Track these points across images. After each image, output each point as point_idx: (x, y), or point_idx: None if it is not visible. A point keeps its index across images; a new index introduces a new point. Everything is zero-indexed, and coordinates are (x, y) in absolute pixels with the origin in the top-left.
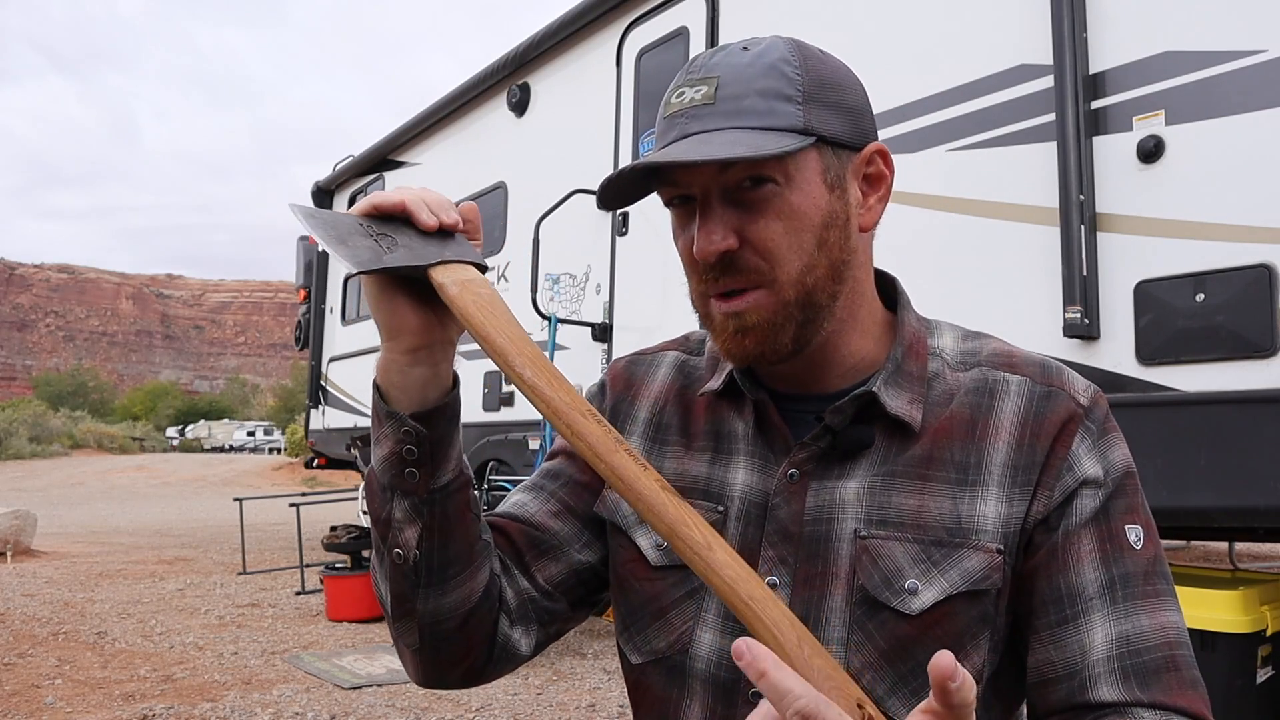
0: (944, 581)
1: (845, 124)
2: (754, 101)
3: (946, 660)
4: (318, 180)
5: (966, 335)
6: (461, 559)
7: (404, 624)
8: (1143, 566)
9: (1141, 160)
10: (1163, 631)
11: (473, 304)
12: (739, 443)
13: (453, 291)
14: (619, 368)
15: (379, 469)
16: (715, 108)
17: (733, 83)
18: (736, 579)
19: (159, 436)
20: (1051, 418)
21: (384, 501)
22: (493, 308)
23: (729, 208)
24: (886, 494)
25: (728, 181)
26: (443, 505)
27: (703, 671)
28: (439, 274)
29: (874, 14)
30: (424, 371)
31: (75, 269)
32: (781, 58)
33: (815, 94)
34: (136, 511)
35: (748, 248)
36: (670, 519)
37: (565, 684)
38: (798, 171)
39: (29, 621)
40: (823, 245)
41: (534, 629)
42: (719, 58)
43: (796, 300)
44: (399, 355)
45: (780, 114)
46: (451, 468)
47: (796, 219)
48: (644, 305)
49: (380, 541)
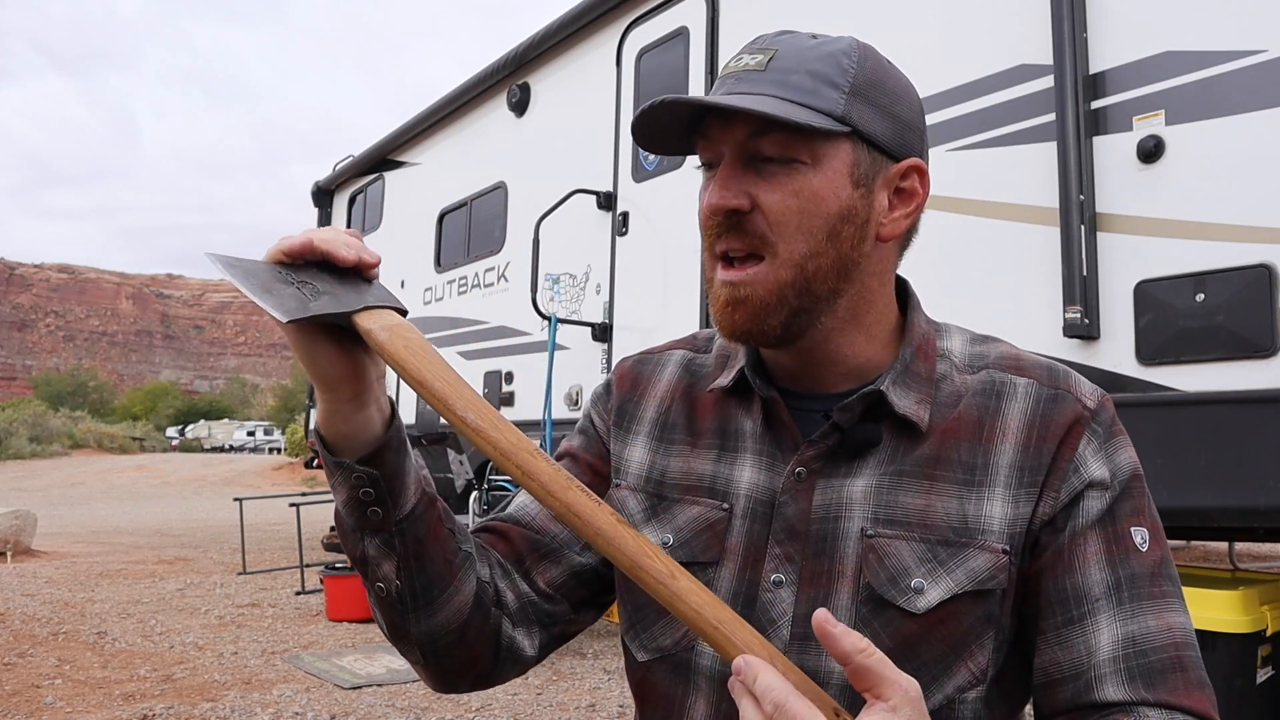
0: (950, 581)
1: (887, 129)
2: (802, 79)
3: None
4: (318, 180)
5: (975, 339)
6: (443, 578)
7: (403, 646)
8: (1149, 568)
9: (1141, 160)
10: (1169, 632)
11: (404, 349)
12: (746, 440)
13: (382, 337)
14: (625, 367)
15: (343, 512)
16: (764, 75)
17: (788, 57)
18: (702, 605)
19: (159, 436)
20: (1058, 420)
21: (355, 541)
22: (424, 351)
23: (751, 172)
24: (893, 493)
25: (758, 148)
26: (413, 532)
27: (708, 668)
28: (365, 320)
29: (874, 14)
30: (367, 413)
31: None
32: (843, 50)
33: (864, 90)
34: (136, 511)
35: (758, 213)
36: (631, 551)
37: (565, 684)
38: (826, 158)
39: (29, 621)
40: (833, 237)
41: (536, 631)
42: (785, 36)
43: (793, 283)
44: (343, 404)
45: (823, 96)
46: (411, 494)
47: (813, 202)
48: (644, 305)
49: (363, 579)
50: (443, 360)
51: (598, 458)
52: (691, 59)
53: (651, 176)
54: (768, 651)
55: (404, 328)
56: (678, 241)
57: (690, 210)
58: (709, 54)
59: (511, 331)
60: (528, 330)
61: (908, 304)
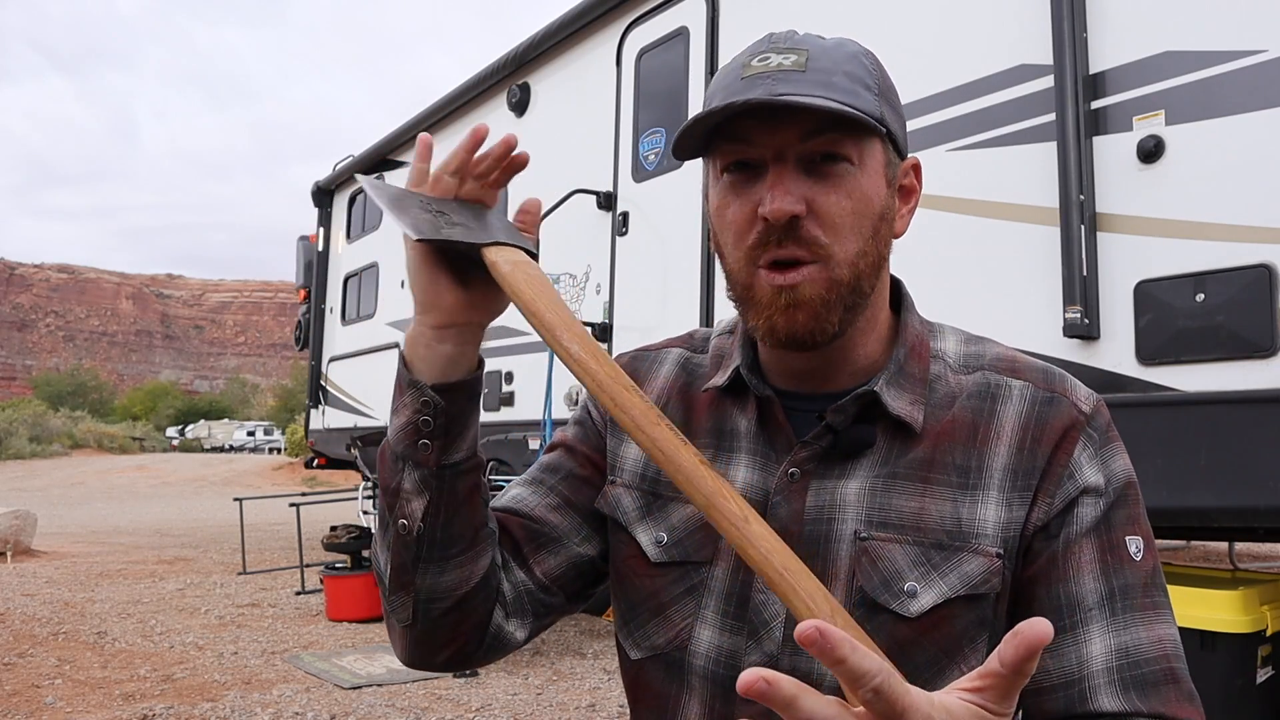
0: (943, 585)
1: (901, 129)
2: (841, 80)
3: (1044, 629)
4: (318, 180)
5: (969, 339)
6: (464, 538)
7: (399, 598)
8: (1142, 578)
9: (1141, 160)
10: (1160, 644)
11: (524, 282)
12: (741, 440)
13: (505, 269)
14: (622, 363)
15: (394, 438)
16: (806, 75)
17: (822, 58)
18: (771, 551)
19: (159, 436)
20: (1053, 424)
21: (395, 471)
22: (543, 287)
23: (803, 176)
24: (887, 495)
25: (807, 150)
26: (451, 483)
27: (702, 668)
28: (492, 253)
29: (874, 14)
30: (450, 349)
31: (75, 269)
32: (860, 51)
33: (885, 93)
34: (136, 511)
35: (813, 218)
36: (708, 490)
37: (565, 684)
38: (870, 158)
39: (29, 621)
40: (875, 235)
41: (529, 621)
42: (800, 36)
43: (847, 282)
44: (428, 329)
45: (863, 99)
46: (465, 447)
47: (863, 202)
48: (644, 305)
49: (387, 511)
50: (559, 297)
51: (594, 450)
52: (691, 59)
53: (651, 176)
54: (830, 605)
55: (528, 264)
56: (678, 241)
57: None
58: (709, 54)
59: (511, 331)
60: (528, 330)
61: (901, 304)
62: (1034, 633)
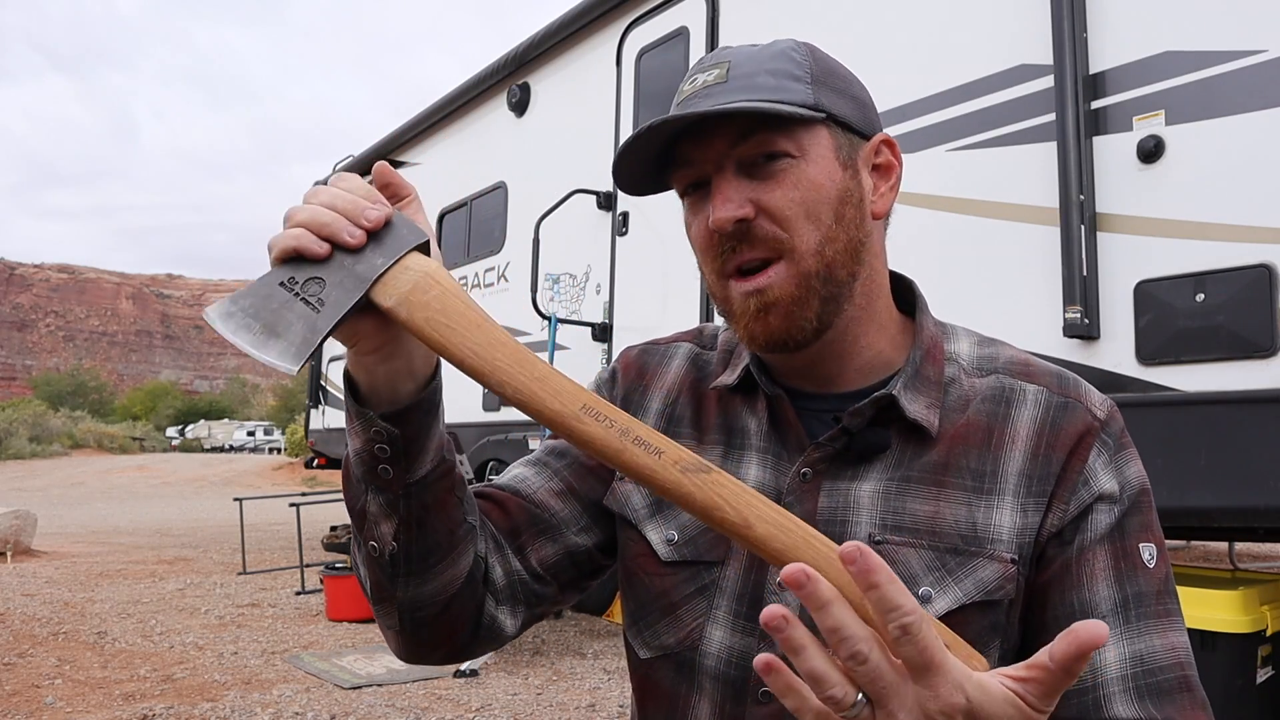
0: (958, 590)
1: (853, 110)
2: (765, 79)
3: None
4: (317, 180)
5: (982, 341)
6: (442, 547)
7: (383, 608)
8: (1155, 586)
9: (1141, 160)
10: (1174, 652)
11: (425, 323)
12: (751, 438)
13: (402, 315)
14: (631, 356)
15: (353, 460)
16: (728, 85)
17: (745, 64)
18: (784, 550)
19: (159, 436)
20: (1068, 429)
21: (359, 494)
22: (447, 317)
23: (744, 180)
24: (901, 499)
25: (743, 155)
26: (419, 499)
27: (712, 668)
28: (381, 296)
29: (874, 14)
30: (394, 366)
31: (75, 269)
32: (789, 48)
33: (822, 79)
34: (136, 511)
35: (764, 217)
36: (701, 505)
37: (565, 684)
38: (811, 146)
39: (29, 621)
40: (840, 220)
41: (520, 610)
42: (728, 51)
43: (817, 272)
44: (363, 356)
45: (791, 90)
46: (430, 459)
47: (813, 190)
48: (644, 305)
49: (357, 531)
50: (473, 318)
51: None
52: (691, 59)
53: None
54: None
55: (419, 290)
56: (678, 242)
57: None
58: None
59: (511, 331)
60: (528, 330)
61: (915, 305)
62: (1089, 633)
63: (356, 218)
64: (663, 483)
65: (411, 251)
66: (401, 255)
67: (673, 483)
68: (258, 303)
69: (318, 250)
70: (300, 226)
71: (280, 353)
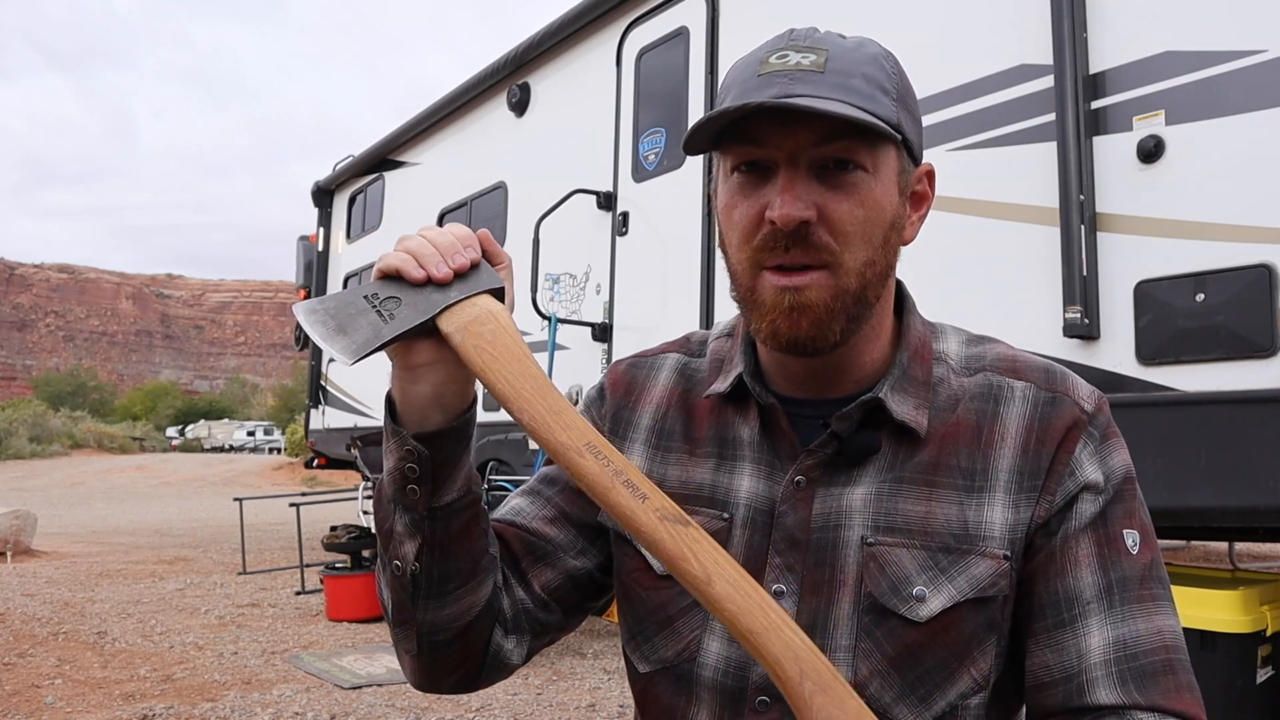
0: (952, 588)
1: (917, 135)
2: (860, 83)
3: None
4: (317, 180)
5: (971, 339)
6: (463, 574)
7: (402, 630)
8: (1139, 571)
9: (1141, 160)
10: (1159, 635)
11: (473, 350)
12: (744, 449)
13: (456, 340)
14: (619, 371)
15: (385, 480)
16: (824, 77)
17: (841, 59)
18: (738, 612)
19: (159, 436)
20: (1056, 424)
21: (388, 513)
22: (494, 349)
23: (814, 181)
24: (893, 500)
25: (821, 154)
26: (444, 523)
27: (710, 680)
28: (444, 323)
29: (874, 14)
30: (427, 389)
31: (75, 269)
32: (881, 55)
33: (902, 97)
34: (136, 511)
35: (823, 225)
36: (669, 553)
37: (565, 684)
38: (884, 165)
39: (29, 621)
40: (885, 244)
41: (526, 639)
42: (821, 34)
43: (854, 291)
44: (400, 369)
45: (880, 103)
46: (457, 488)
47: (875, 210)
48: (644, 305)
49: (383, 550)
50: (515, 352)
51: None
52: (692, 59)
53: (652, 176)
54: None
55: (481, 320)
56: (678, 241)
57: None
58: (709, 54)
59: None
60: (528, 330)
61: (903, 305)
62: None
63: (450, 257)
64: (639, 525)
65: (484, 293)
66: (474, 294)
67: (649, 526)
68: (339, 307)
69: (414, 274)
70: (407, 252)
71: (343, 348)
